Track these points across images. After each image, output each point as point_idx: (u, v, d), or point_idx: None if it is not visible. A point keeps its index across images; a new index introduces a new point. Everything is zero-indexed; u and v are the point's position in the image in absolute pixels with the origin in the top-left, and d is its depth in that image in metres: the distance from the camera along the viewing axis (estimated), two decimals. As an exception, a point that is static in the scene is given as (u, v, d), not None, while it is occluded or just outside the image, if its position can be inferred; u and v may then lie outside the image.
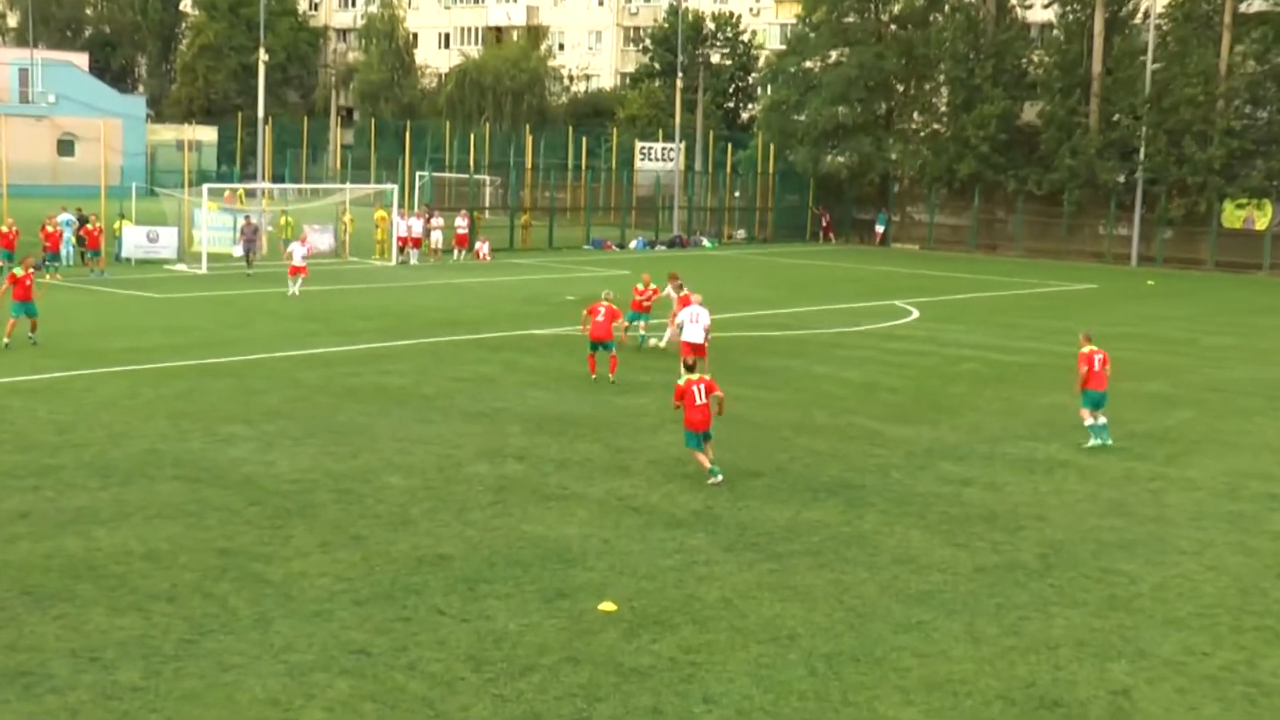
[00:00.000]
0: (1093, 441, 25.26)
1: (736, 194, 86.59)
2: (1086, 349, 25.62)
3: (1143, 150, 71.92)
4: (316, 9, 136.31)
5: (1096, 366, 25.31)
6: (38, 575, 16.30)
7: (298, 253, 46.02)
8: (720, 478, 21.55)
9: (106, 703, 12.80)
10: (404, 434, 24.59)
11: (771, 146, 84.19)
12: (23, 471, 21.01)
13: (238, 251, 54.00)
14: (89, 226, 51.38)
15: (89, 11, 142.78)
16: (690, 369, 23.06)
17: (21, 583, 16.02)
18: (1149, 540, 19.55)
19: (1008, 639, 15.39)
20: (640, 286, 35.68)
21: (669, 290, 35.91)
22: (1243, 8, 71.90)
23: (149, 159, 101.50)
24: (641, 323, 35.88)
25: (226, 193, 61.25)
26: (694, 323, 30.45)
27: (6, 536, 17.73)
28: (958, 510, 20.82)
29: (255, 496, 20.09)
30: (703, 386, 21.71)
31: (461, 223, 63.85)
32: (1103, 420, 25.48)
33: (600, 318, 30.39)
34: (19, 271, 32.92)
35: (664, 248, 73.98)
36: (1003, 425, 27.63)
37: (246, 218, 54.10)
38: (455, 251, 62.21)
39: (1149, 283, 62.25)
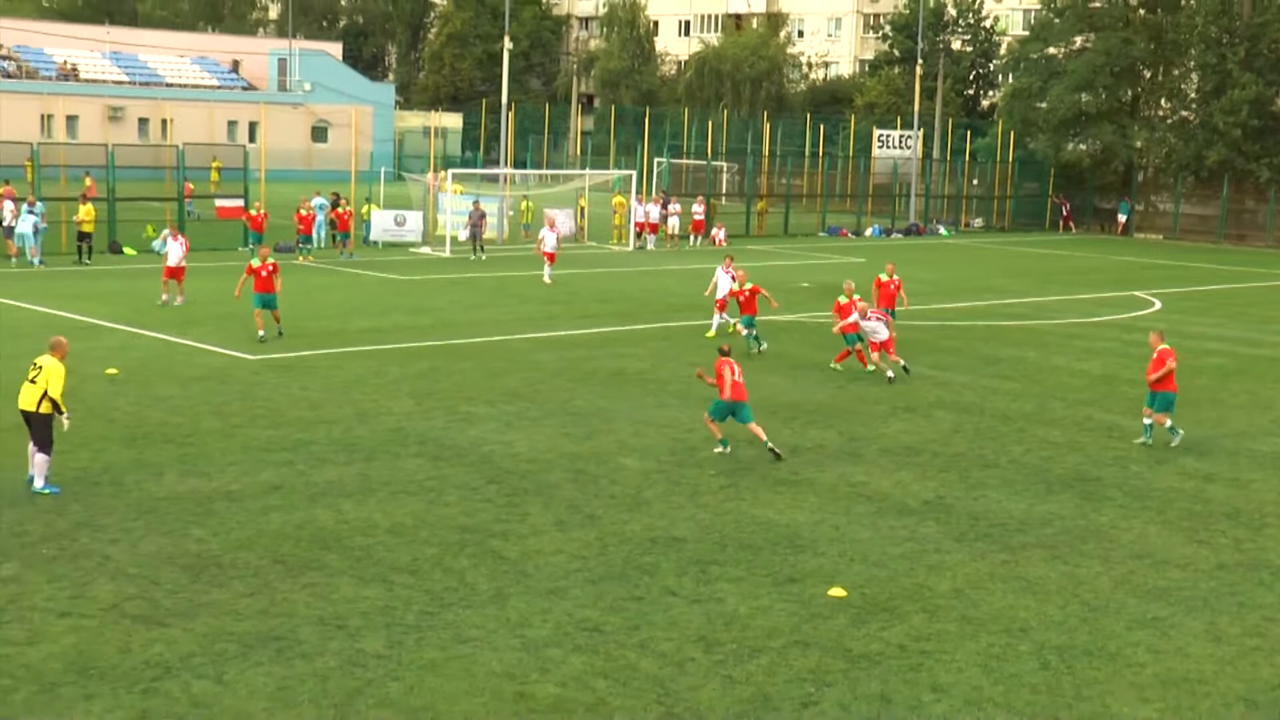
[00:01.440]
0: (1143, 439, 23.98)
1: (974, 182, 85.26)
2: (1164, 345, 23.94)
3: None
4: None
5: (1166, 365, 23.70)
6: (289, 545, 16.84)
7: (549, 239, 45.75)
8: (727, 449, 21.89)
9: (351, 669, 13.16)
10: (639, 417, 24.77)
11: (1012, 134, 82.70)
12: (276, 446, 21.69)
13: (463, 236, 54.77)
14: (339, 210, 52.72)
15: (343, 3, 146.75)
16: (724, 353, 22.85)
17: (274, 551, 16.56)
18: (1401, 542, 18.79)
19: (1251, 639, 14.95)
20: (883, 277, 34.74)
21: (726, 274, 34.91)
22: None
23: (397, 145, 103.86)
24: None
25: (429, 175, 61.99)
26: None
27: (261, 507, 18.35)
28: (1199, 507, 20.27)
29: (494, 475, 20.44)
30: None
31: (698, 209, 63.96)
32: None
33: (851, 319, 29.86)
34: (256, 263, 32.09)
35: (900, 236, 73.22)
36: (1248, 420, 26.81)
37: (475, 202, 54.79)
38: (691, 237, 62.40)
39: (1407, 276, 59.72)
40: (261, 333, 31.48)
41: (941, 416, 24.58)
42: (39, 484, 18.72)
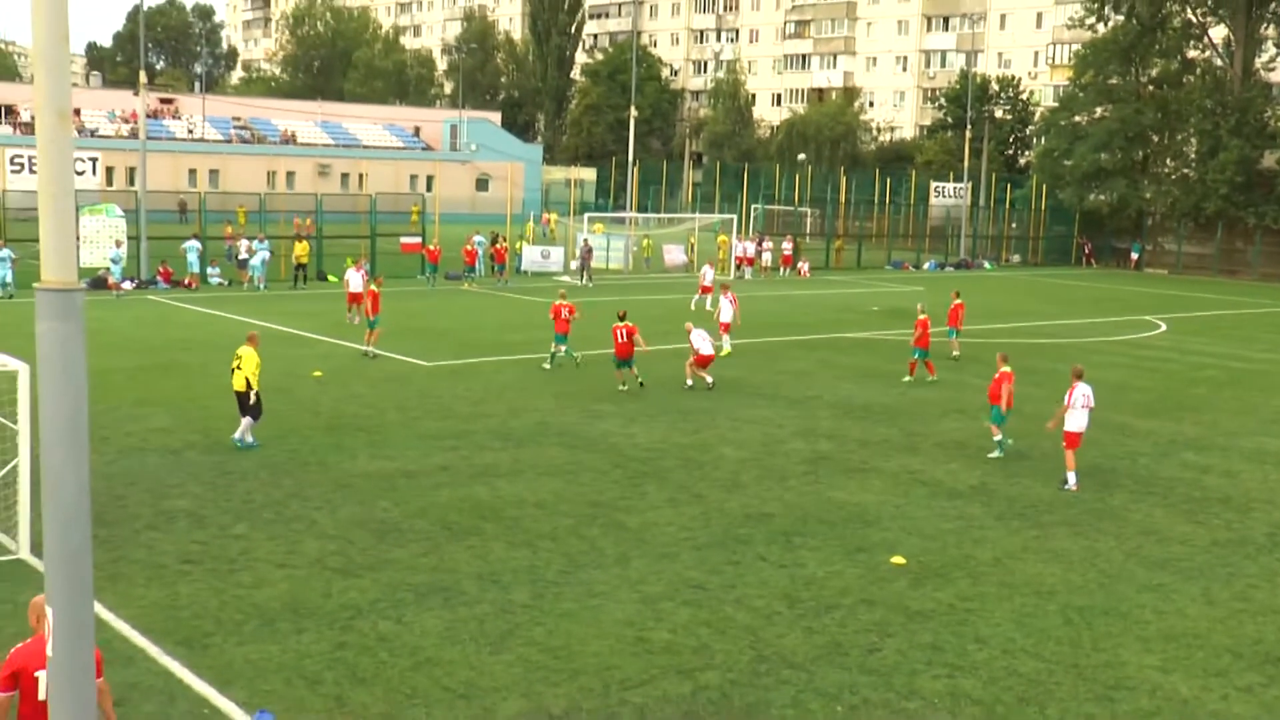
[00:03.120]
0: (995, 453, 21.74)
1: (1013, 225, 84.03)
2: (1005, 368, 21.72)
3: (1371, 191, 67.16)
4: (676, 75, 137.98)
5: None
6: (455, 514, 16.98)
7: (709, 275, 44.58)
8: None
9: (504, 615, 13.25)
10: (736, 415, 24.71)
11: (1044, 186, 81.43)
12: (445, 435, 21.89)
13: (574, 266, 54.83)
14: (498, 246, 53.11)
15: (503, 79, 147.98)
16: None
17: (443, 520, 16.71)
18: (1368, 526, 18.26)
19: (1238, 603, 14.61)
20: (955, 301, 34.09)
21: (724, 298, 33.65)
22: None
23: (544, 194, 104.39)
24: (954, 339, 34.37)
25: (544, 215, 62.82)
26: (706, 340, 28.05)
27: (432, 484, 18.52)
28: (1197, 493, 19.83)
29: (618, 461, 20.48)
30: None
31: (787, 245, 63.75)
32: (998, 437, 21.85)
33: (918, 334, 29.53)
34: (375, 287, 30.93)
35: (952, 269, 72.36)
36: (1238, 422, 26.18)
37: (584, 239, 54.77)
38: (781, 269, 62.17)
39: (1374, 304, 58.01)
40: (366, 348, 30.33)
41: (983, 418, 24.24)
42: (237, 436, 20.18)
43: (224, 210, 63.30)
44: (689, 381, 27.68)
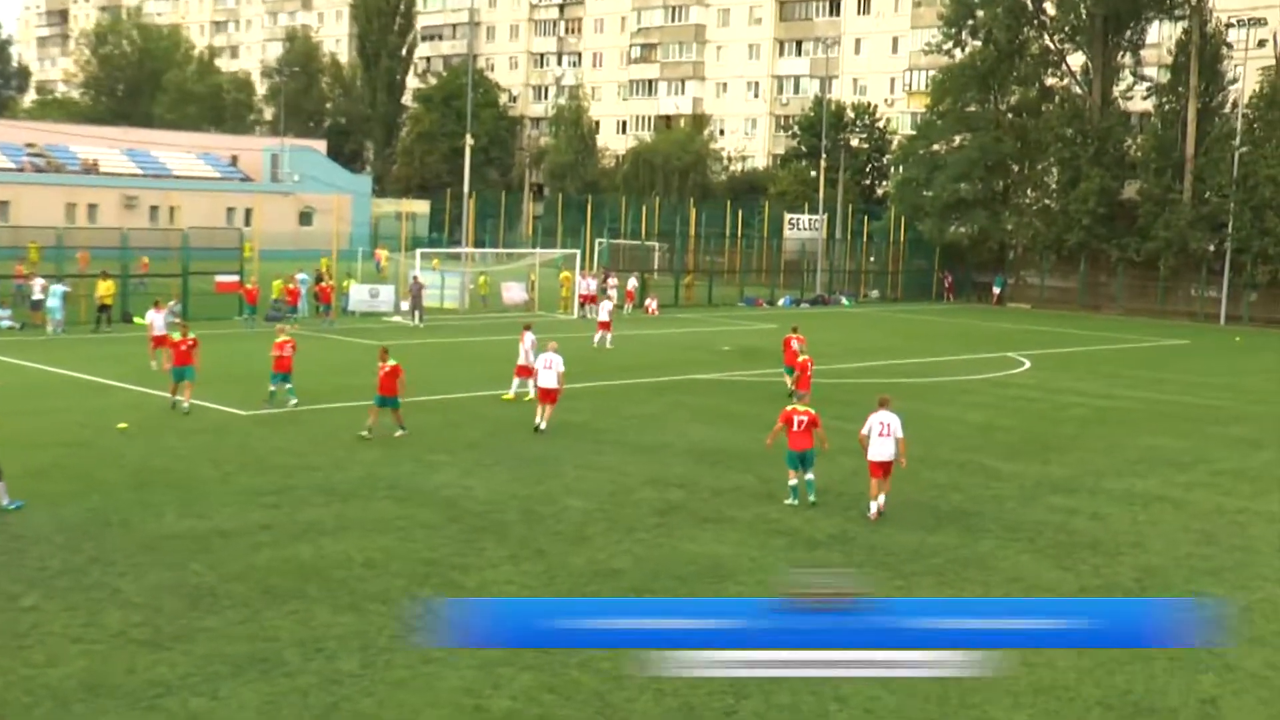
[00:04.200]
0: (790, 500, 21.68)
1: (871, 258, 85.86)
2: (788, 407, 22.23)
3: (1231, 224, 70.16)
4: (515, 101, 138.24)
5: (796, 426, 21.54)
6: (275, 577, 16.61)
7: (605, 308, 47.02)
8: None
9: (330, 686, 12.98)
10: (582, 463, 24.67)
11: (902, 218, 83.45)
12: (264, 490, 21.45)
13: (405, 306, 54.43)
14: (323, 284, 52.43)
15: (328, 105, 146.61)
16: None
17: (263, 583, 16.33)
18: (1235, 567, 18.95)
19: (1107, 652, 14.98)
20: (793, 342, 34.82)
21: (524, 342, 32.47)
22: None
23: (373, 228, 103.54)
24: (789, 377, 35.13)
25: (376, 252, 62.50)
26: (548, 368, 28.26)
27: (250, 544, 18.11)
28: (1064, 537, 20.35)
29: (454, 515, 20.28)
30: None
31: (633, 282, 64.27)
32: (810, 476, 21.72)
33: (809, 373, 30.48)
34: (176, 336, 29.99)
35: (808, 305, 73.59)
36: (1105, 462, 26.99)
37: (414, 276, 54.49)
38: (626, 306, 62.53)
39: (1236, 339, 60.46)
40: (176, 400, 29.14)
41: (844, 461, 24.59)
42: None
43: (15, 246, 61.39)
44: (540, 423, 27.80)
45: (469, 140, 72.36)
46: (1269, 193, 67.93)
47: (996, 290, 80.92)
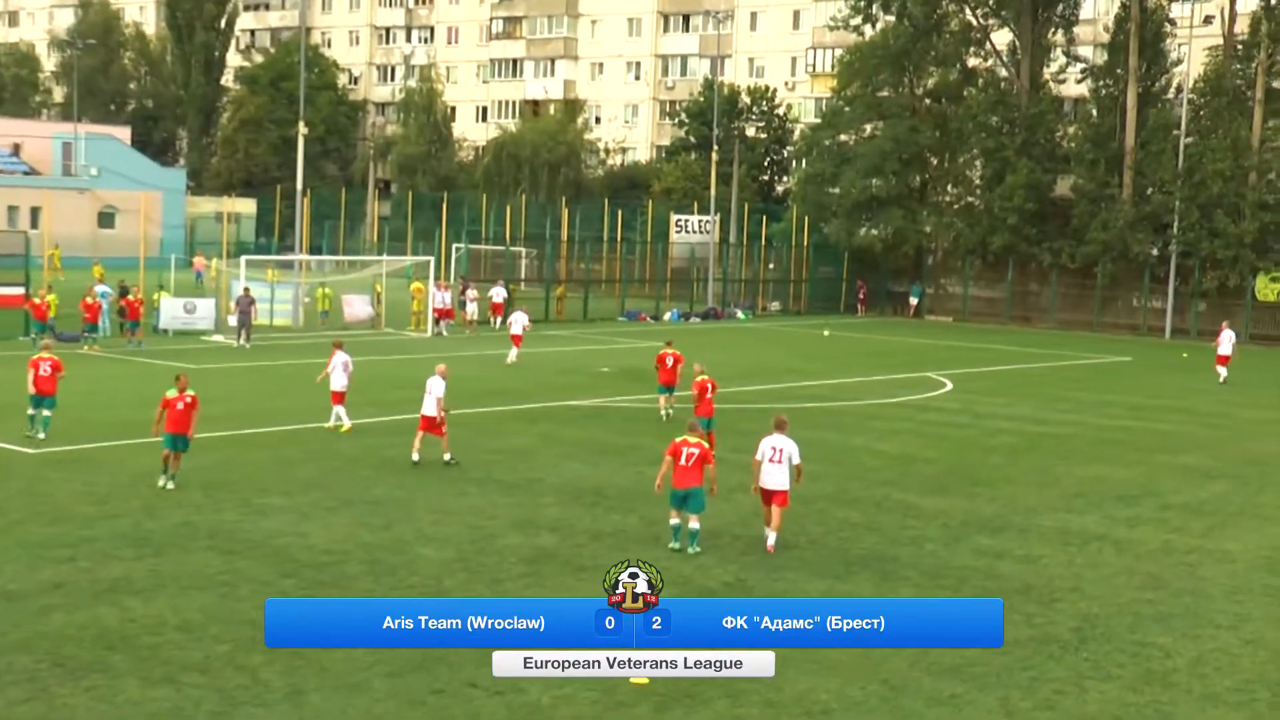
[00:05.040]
0: (672, 543, 21.84)
1: (771, 266, 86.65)
2: (679, 438, 22.00)
3: (1175, 224, 71.85)
4: (356, 83, 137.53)
5: (684, 460, 21.48)
6: (71, 646, 16.29)
7: (519, 321, 49.40)
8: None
9: (138, 774, 12.74)
10: (439, 505, 24.56)
11: (806, 219, 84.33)
12: (58, 543, 21.04)
13: (232, 321, 53.65)
14: (130, 298, 51.46)
15: (132, 86, 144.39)
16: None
17: (55, 654, 16.00)
18: (1185, 614, 19.37)
19: (1042, 714, 15.23)
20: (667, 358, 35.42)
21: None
22: (1276, 84, 72.01)
23: (188, 231, 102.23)
24: (669, 396, 35.56)
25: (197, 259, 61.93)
26: (429, 394, 28.80)
27: (40, 608, 17.74)
28: (992, 584, 20.65)
29: (289, 568, 20.07)
30: None
31: (501, 293, 64.27)
32: (694, 525, 21.73)
33: (708, 395, 30.86)
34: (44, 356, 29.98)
35: (698, 320, 73.99)
36: (1038, 497, 27.46)
37: (245, 289, 53.82)
38: (492, 320, 62.47)
39: (1183, 355, 61.91)
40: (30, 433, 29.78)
41: (741, 500, 24.74)
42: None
43: None
44: (415, 456, 28.37)
45: (302, 129, 71.73)
46: (1217, 189, 69.62)
47: (914, 301, 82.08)
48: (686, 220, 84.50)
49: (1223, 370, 49.96)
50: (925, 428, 36.39)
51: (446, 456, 28.45)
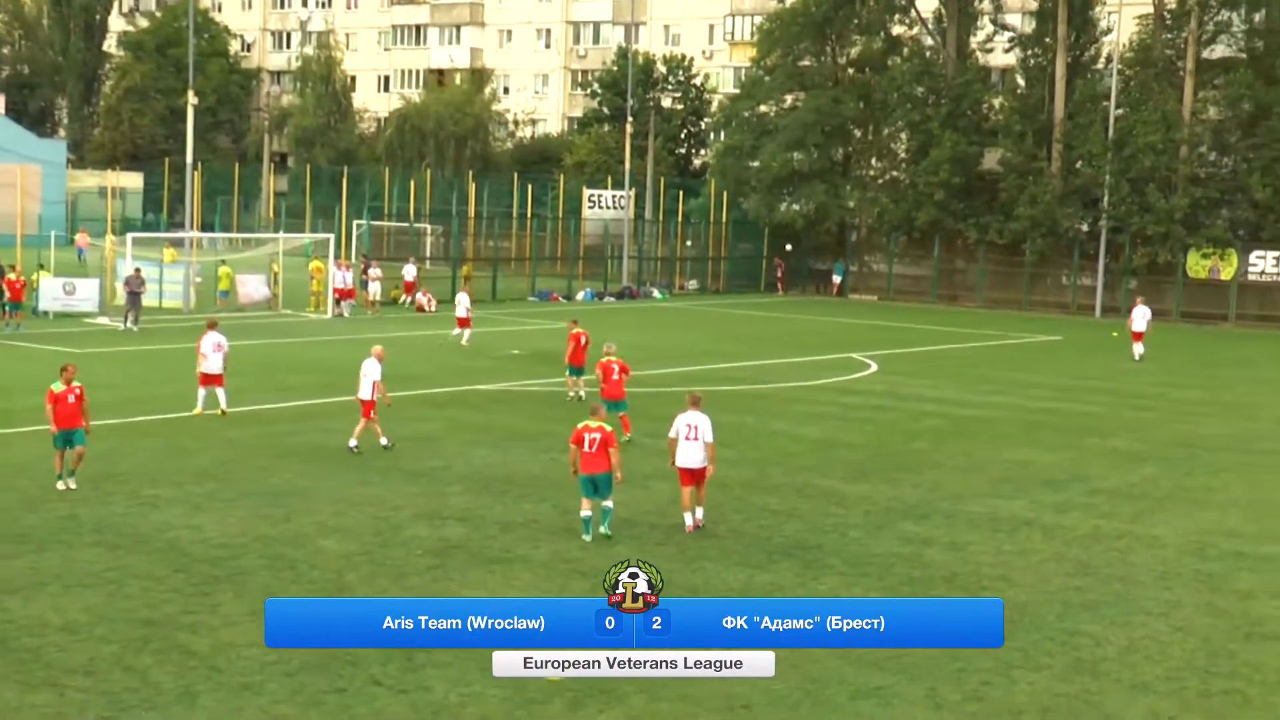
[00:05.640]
0: (584, 536, 21.86)
1: (688, 243, 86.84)
2: (581, 424, 22.15)
3: (1105, 198, 72.58)
4: (249, 50, 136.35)
5: (588, 446, 21.67)
6: (-52, 648, 16.12)
7: (463, 303, 49.72)
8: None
9: (20, 782, 12.65)
10: (341, 496, 24.46)
11: (725, 194, 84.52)
12: (-66, 537, 20.80)
13: (122, 303, 52.78)
14: (10, 278, 50.61)
15: (6, 51, 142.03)
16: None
17: (-69, 656, 15.84)
18: (1115, 601, 19.62)
19: (970, 705, 15.39)
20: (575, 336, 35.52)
21: None
22: (1206, 54, 72.87)
23: (69, 207, 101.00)
24: (578, 379, 35.67)
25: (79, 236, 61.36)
26: (365, 376, 29.07)
27: (-84, 607, 17.55)
28: (918, 572, 20.83)
29: (181, 563, 19.92)
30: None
31: (411, 271, 64.44)
32: (608, 504, 22.01)
33: (615, 377, 30.70)
34: None
35: (613, 299, 74.03)
36: (965, 482, 27.71)
37: (136, 269, 53.04)
38: (404, 298, 62.59)
39: (1113, 334, 62.55)
40: None
41: (658, 487, 24.80)
42: None
43: None
44: (353, 442, 28.57)
45: (191, 98, 71.05)
46: (1149, 162, 70.40)
47: (837, 279, 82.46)
48: (600, 195, 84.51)
49: (1139, 347, 50.68)
50: (848, 411, 36.61)
51: (383, 441, 28.54)
